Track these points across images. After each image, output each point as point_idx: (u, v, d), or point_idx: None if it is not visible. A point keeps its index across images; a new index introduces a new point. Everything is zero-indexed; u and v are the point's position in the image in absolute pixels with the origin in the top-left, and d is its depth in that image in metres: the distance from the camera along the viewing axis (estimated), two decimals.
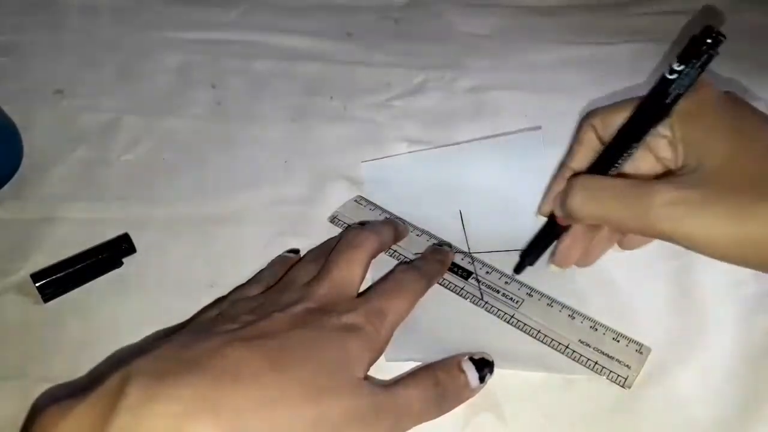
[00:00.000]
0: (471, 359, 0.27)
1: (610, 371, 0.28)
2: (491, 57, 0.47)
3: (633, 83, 0.45)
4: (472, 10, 0.52)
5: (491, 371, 0.27)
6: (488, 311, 0.31)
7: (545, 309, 0.31)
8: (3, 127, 0.38)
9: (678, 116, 0.25)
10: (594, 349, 0.29)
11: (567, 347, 0.29)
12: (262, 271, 0.33)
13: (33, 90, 0.43)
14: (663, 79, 0.25)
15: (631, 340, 0.30)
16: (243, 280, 0.33)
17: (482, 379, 0.27)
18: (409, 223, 0.35)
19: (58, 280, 0.32)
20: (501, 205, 0.36)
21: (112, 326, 0.31)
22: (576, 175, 0.29)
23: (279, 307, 0.26)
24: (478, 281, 0.32)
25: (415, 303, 0.30)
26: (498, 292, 0.32)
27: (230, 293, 0.31)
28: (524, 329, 0.30)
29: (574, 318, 0.31)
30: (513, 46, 0.48)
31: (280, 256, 0.33)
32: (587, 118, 0.30)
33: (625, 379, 0.28)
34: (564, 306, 0.31)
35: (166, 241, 0.35)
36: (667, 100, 0.25)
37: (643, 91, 0.26)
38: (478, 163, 0.39)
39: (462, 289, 0.32)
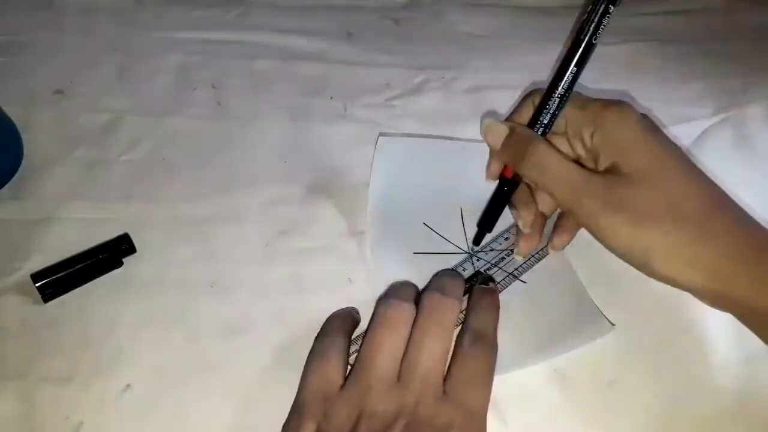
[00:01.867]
0: None
1: None
2: (491, 57, 0.47)
3: (633, 83, 0.45)
4: (472, 10, 0.52)
5: None
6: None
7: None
8: (4, 128, 0.38)
9: (601, 126, 0.29)
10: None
11: None
12: (324, 340, 0.29)
13: (33, 90, 0.43)
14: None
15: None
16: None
17: None
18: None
19: (58, 280, 0.32)
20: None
21: (112, 326, 0.31)
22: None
23: (377, 426, 0.25)
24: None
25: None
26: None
27: (307, 378, 0.28)
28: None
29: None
30: (513, 47, 0.48)
31: (339, 315, 0.31)
32: (529, 95, 0.32)
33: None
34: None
35: (166, 241, 0.35)
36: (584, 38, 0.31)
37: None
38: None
39: None
